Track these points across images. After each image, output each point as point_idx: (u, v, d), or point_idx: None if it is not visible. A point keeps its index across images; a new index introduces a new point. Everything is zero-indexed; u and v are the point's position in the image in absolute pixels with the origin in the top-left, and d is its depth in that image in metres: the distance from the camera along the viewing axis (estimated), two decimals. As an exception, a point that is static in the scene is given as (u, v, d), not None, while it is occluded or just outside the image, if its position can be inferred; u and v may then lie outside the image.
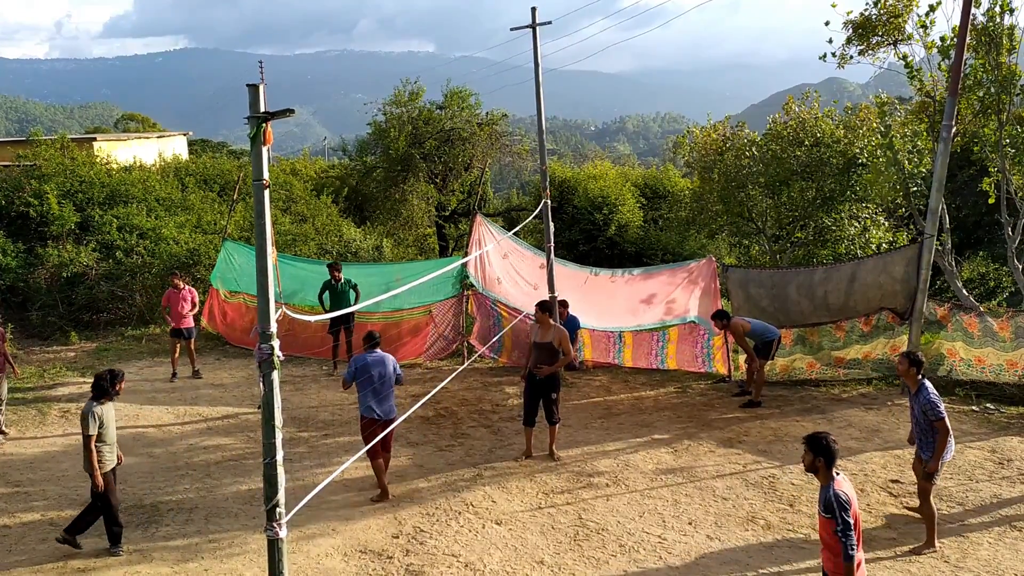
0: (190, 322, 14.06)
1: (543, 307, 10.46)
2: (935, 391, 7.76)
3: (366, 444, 8.40)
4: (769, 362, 12.63)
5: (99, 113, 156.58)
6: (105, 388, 7.90)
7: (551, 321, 10.50)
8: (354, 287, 14.49)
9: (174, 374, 14.04)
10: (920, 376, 7.78)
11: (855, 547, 5.33)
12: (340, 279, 14.36)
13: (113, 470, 7.99)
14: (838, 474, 5.55)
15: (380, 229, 27.35)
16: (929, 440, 7.65)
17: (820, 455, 5.54)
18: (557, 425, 10.41)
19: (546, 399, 10.26)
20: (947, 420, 7.60)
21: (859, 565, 5.42)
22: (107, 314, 17.89)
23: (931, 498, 7.75)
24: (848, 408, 11.94)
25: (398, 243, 28.54)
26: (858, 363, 12.94)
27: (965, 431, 10.83)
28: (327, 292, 14.41)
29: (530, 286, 15.10)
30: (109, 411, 7.95)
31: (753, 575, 7.32)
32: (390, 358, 9.19)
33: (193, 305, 14.14)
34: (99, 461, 7.74)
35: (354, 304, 13.68)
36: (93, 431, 7.70)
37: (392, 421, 9.02)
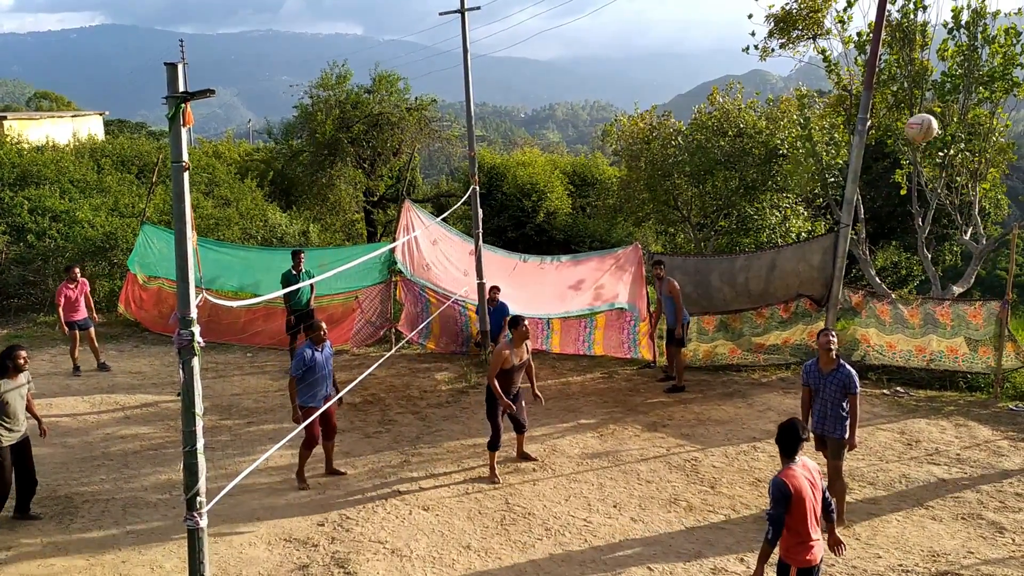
0: (84, 313, 13.48)
1: (515, 322, 9.23)
2: (851, 368, 8.09)
3: (307, 433, 8.69)
4: (686, 347, 12.91)
5: (9, 91, 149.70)
6: (3, 364, 7.86)
7: (526, 340, 9.26)
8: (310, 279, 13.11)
9: (76, 368, 13.37)
10: (835, 354, 8.11)
11: (772, 535, 5.53)
12: (302, 270, 13.02)
13: (13, 446, 7.91)
14: (794, 463, 5.65)
15: (306, 214, 26.95)
16: (842, 417, 7.90)
17: (777, 443, 5.79)
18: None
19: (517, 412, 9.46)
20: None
21: (812, 547, 5.62)
22: (18, 300, 17.23)
23: (842, 475, 8.06)
24: (768, 392, 12.29)
25: (325, 228, 28.16)
26: (777, 348, 13.31)
27: (877, 414, 11.26)
28: (288, 285, 12.67)
29: (460, 272, 15.09)
30: (8, 385, 7.87)
31: (675, 555, 7.49)
32: (329, 348, 8.99)
33: (87, 297, 13.60)
34: None
35: (310, 298, 13.22)
36: None
37: (328, 399, 8.83)
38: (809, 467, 5.73)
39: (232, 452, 9.99)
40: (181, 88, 4.86)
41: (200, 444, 5.17)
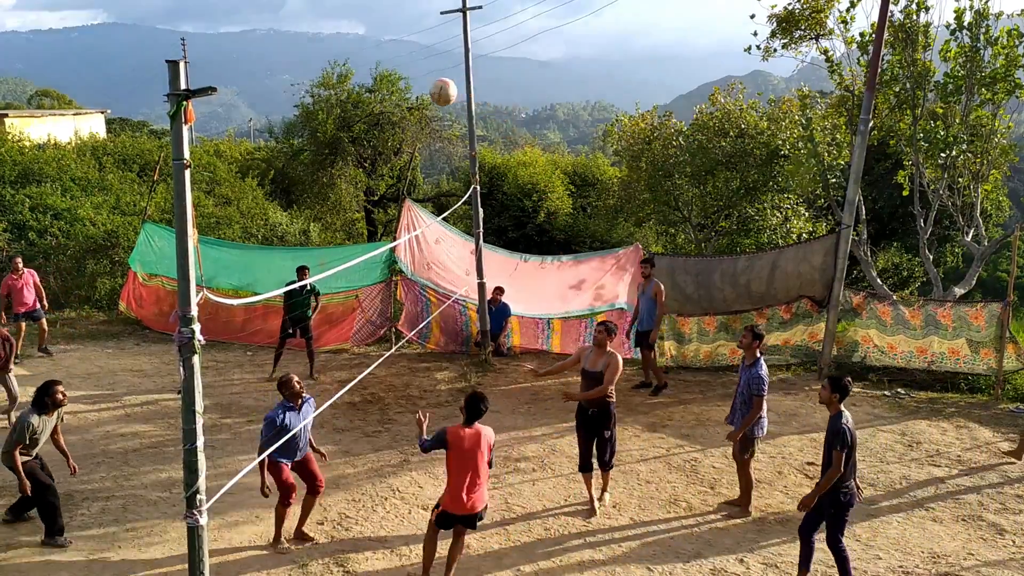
0: (34, 304, 13.54)
1: (608, 329, 8.58)
2: (766, 371, 8.28)
3: (283, 489, 7.54)
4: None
5: (11, 89, 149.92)
6: (42, 400, 7.63)
7: (610, 347, 8.53)
8: (315, 295, 13.14)
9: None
10: (759, 353, 8.34)
11: (423, 446, 6.68)
12: (306, 287, 12.71)
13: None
14: (470, 426, 6.69)
15: (307, 213, 26.96)
16: (743, 412, 8.19)
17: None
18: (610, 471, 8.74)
19: (599, 437, 8.47)
20: (764, 401, 8.13)
21: (463, 497, 6.57)
22: (19, 297, 17.17)
23: (750, 468, 8.35)
24: (768, 393, 12.23)
25: (326, 228, 28.18)
26: (778, 349, 13.29)
27: (877, 415, 11.25)
28: (290, 296, 12.66)
29: (460, 271, 15.09)
30: (44, 423, 7.67)
31: (674, 556, 7.48)
32: (309, 406, 7.75)
33: (36, 287, 13.67)
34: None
35: (311, 311, 13.08)
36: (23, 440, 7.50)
37: (305, 457, 7.78)
38: (485, 435, 6.68)
39: (232, 450, 9.98)
40: (182, 86, 4.86)
41: (200, 442, 5.16)
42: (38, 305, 13.67)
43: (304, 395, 7.64)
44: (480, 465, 6.63)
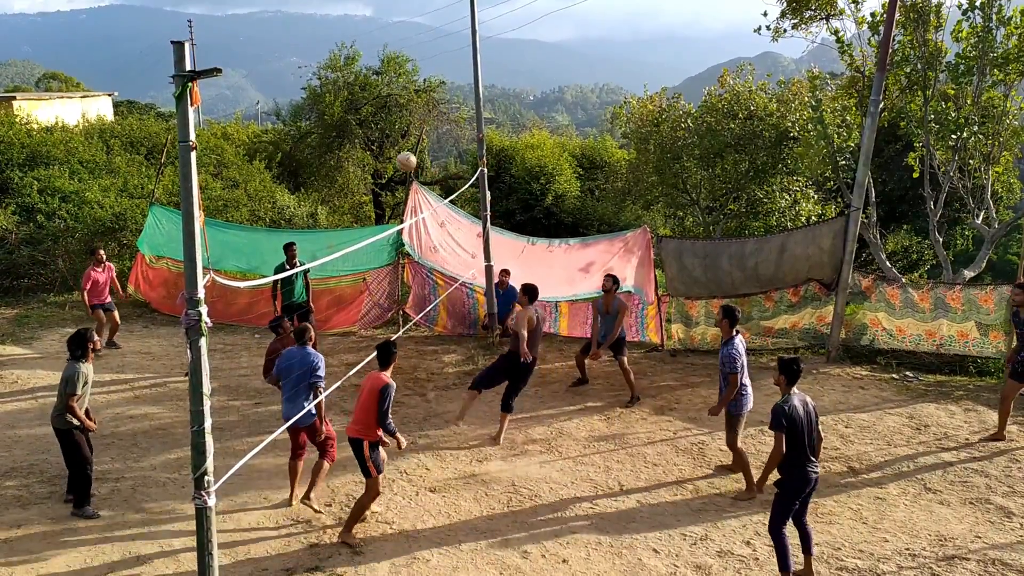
0: (107, 296, 13.52)
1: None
2: (740, 349, 8.37)
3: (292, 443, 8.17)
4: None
5: (19, 71, 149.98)
6: (83, 347, 8.02)
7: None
8: (304, 274, 12.85)
9: (110, 343, 13.51)
10: (733, 330, 8.43)
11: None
12: (296, 263, 12.44)
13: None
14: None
15: (315, 196, 26.92)
16: (722, 389, 8.41)
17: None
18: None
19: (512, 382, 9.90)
20: (740, 377, 8.25)
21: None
22: (28, 280, 17.27)
23: (739, 447, 8.46)
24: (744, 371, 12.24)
25: (333, 211, 28.16)
26: (786, 332, 13.26)
27: (885, 398, 11.22)
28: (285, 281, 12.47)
29: (468, 254, 15.07)
30: (89, 369, 8.05)
31: (680, 538, 7.49)
32: (318, 360, 8.08)
33: (113, 281, 13.65)
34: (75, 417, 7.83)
35: (306, 294, 12.96)
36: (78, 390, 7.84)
37: (301, 430, 8.08)
38: (381, 377, 7.42)
39: (240, 432, 10.03)
40: (188, 67, 4.84)
41: (208, 424, 5.18)
42: (110, 298, 13.60)
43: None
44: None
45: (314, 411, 7.94)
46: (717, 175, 20.53)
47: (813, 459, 6.62)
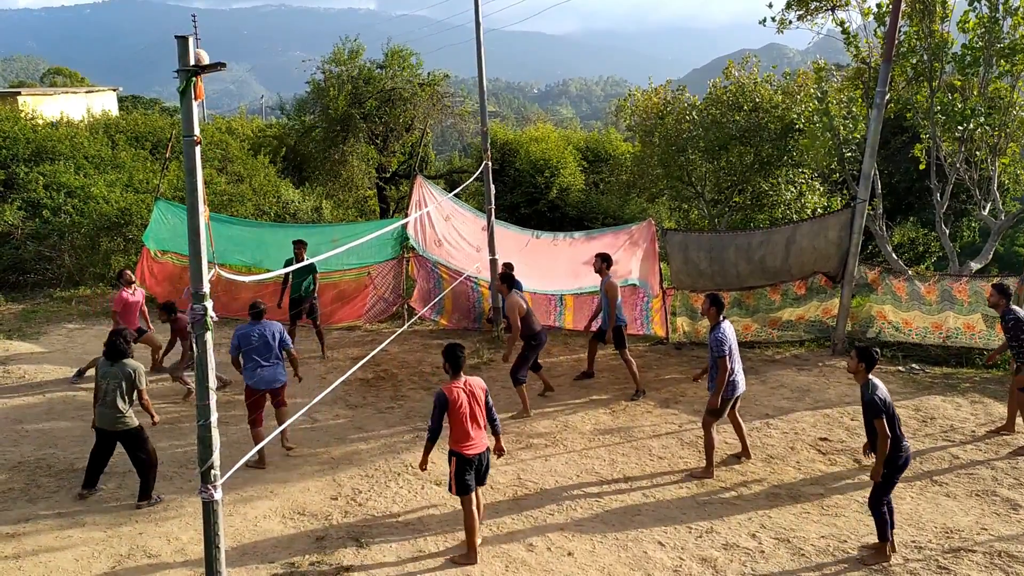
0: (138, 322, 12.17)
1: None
2: (728, 333, 8.47)
3: (249, 412, 8.89)
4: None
5: (24, 66, 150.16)
6: (128, 344, 8.11)
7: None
8: (312, 270, 12.93)
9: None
10: (721, 317, 8.56)
11: (431, 435, 6.96)
12: (304, 259, 12.49)
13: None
14: (459, 379, 7.02)
15: (319, 190, 26.93)
16: (713, 375, 8.48)
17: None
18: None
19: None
20: (728, 361, 8.33)
21: (470, 443, 6.97)
22: (34, 275, 17.33)
23: (712, 429, 8.58)
24: (781, 369, 12.24)
25: (338, 205, 28.16)
26: (792, 325, 13.24)
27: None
28: (289, 273, 12.41)
29: (472, 248, 15.06)
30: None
31: (686, 530, 7.50)
32: (276, 325, 9.18)
33: (142, 308, 12.41)
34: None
35: (312, 290, 12.98)
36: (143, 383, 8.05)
37: (280, 389, 9.14)
38: (472, 384, 7.01)
39: (246, 427, 10.01)
40: (192, 61, 4.83)
41: (214, 418, 5.19)
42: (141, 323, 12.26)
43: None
44: (477, 412, 7.02)
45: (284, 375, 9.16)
46: (722, 167, 20.46)
47: (902, 435, 6.84)
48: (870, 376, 6.87)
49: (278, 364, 9.09)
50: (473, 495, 6.99)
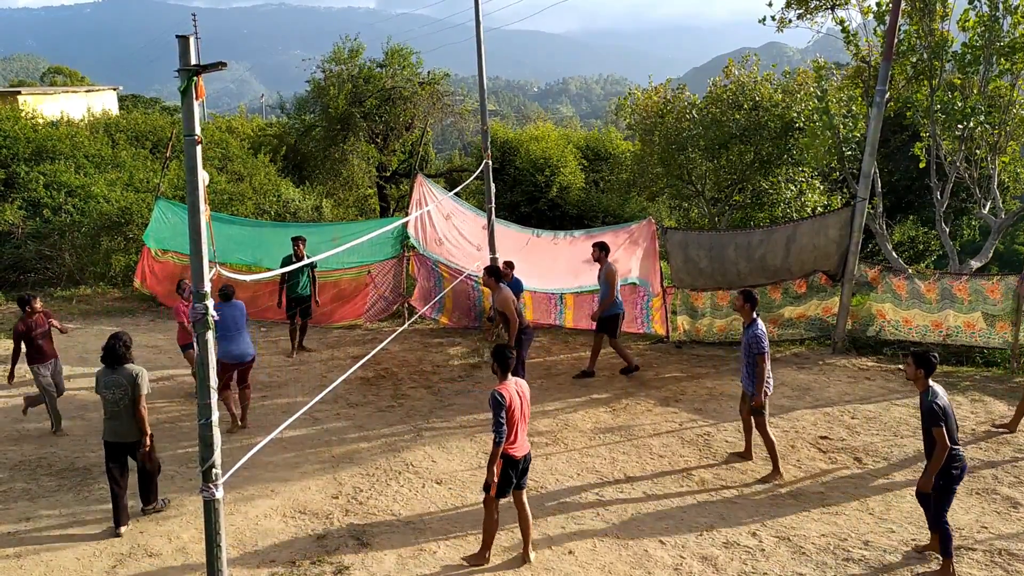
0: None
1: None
2: (763, 330, 8.47)
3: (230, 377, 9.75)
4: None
5: (24, 65, 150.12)
6: (128, 349, 7.69)
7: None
8: (312, 268, 13.05)
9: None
10: (755, 313, 8.55)
11: (498, 439, 6.58)
12: (303, 257, 12.56)
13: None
14: (508, 381, 6.79)
15: (320, 189, 26.95)
16: (750, 373, 8.44)
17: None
18: None
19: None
20: (767, 356, 8.35)
21: (515, 444, 6.76)
22: (35, 274, 17.35)
23: (767, 429, 8.49)
24: (781, 368, 12.24)
25: (338, 204, 28.19)
26: (792, 323, 13.25)
27: (892, 389, 11.21)
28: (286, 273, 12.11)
29: (473, 247, 15.06)
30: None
31: (687, 529, 7.50)
32: (240, 305, 10.01)
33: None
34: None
35: (310, 288, 13.07)
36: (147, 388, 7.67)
37: (251, 362, 9.98)
38: (520, 385, 6.89)
39: (246, 427, 10.05)
40: (192, 61, 4.83)
41: (215, 417, 5.20)
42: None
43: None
44: (526, 413, 6.99)
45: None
46: (722, 166, 20.46)
47: (958, 444, 6.69)
48: (931, 382, 6.66)
49: (246, 340, 9.91)
50: (501, 499, 6.88)
